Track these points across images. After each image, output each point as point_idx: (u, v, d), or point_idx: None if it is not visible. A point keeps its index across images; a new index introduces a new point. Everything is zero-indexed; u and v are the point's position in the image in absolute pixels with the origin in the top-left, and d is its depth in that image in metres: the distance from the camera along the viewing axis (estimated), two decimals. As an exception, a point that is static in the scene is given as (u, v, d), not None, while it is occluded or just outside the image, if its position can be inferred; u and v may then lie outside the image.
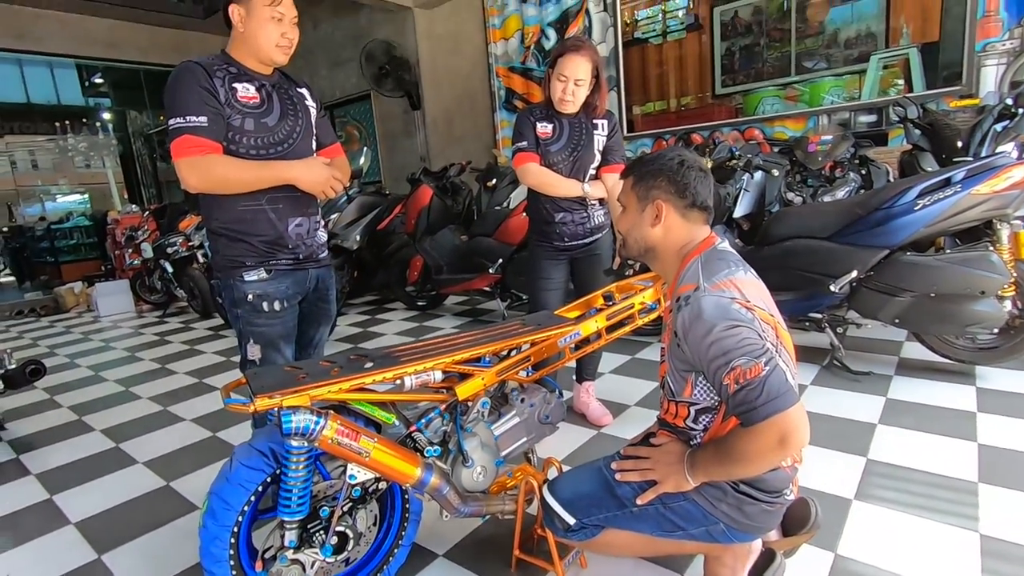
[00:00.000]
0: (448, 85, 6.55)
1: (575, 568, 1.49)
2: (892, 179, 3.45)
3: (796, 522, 1.39)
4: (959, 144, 2.91)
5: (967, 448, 1.91)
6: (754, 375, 1.05)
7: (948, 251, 2.44)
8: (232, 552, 1.24)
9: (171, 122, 1.45)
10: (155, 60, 7.53)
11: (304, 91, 1.71)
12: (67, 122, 10.78)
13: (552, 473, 1.57)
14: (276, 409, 1.14)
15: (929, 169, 2.95)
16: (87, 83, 10.58)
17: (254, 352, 1.61)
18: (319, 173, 1.57)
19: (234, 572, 1.25)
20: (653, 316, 1.77)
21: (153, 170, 11.18)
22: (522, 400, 1.56)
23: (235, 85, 1.51)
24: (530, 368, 1.60)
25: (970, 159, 2.74)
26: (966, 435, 1.99)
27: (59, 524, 1.94)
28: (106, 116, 10.84)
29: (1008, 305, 2.30)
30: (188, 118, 1.43)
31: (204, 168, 1.45)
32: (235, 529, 1.24)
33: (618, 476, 1.30)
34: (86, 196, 9.61)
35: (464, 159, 6.37)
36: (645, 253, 1.34)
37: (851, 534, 1.54)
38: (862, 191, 3.24)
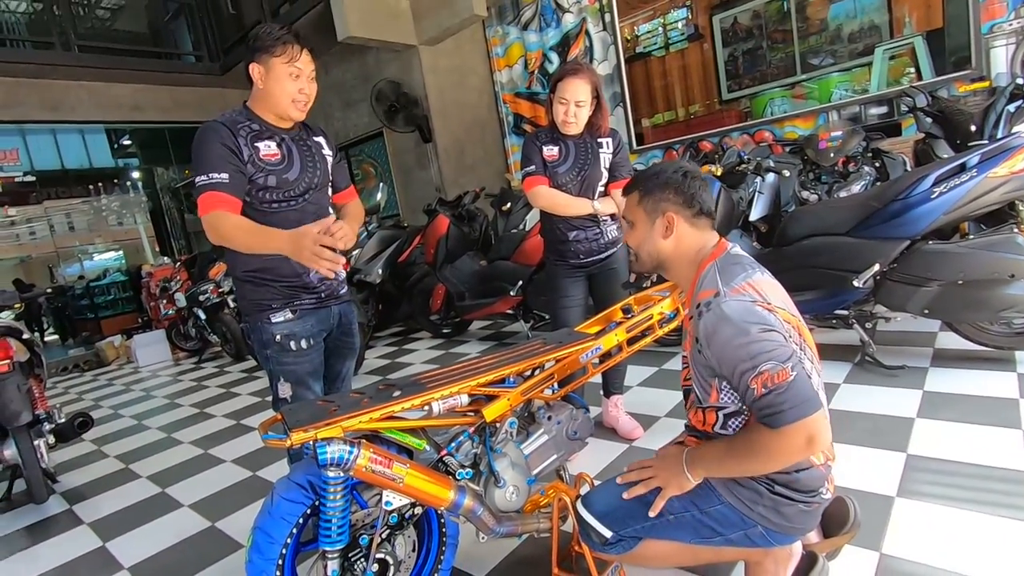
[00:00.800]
0: (457, 116, 6.71)
1: (615, 583, 1.49)
2: (909, 169, 3.42)
3: (835, 523, 1.38)
4: (972, 128, 2.88)
5: (1013, 436, 1.86)
6: (782, 379, 1.07)
7: (972, 236, 2.40)
8: (278, 585, 1.28)
9: (197, 179, 1.53)
10: (178, 118, 7.89)
11: (321, 139, 1.79)
12: (100, 184, 11.29)
13: (585, 489, 1.58)
14: (311, 442, 1.19)
15: (944, 156, 2.92)
16: (116, 145, 11.12)
17: (284, 390, 1.67)
18: (301, 248, 1.39)
19: (281, 604, 1.29)
20: (673, 325, 1.79)
21: (181, 222, 11.62)
22: (549, 418, 1.58)
23: (257, 144, 1.59)
24: (555, 386, 1.62)
25: (985, 142, 2.71)
26: (1010, 423, 1.94)
27: (114, 570, 2.01)
28: (135, 175, 11.34)
29: (1040, 286, 2.24)
30: (211, 175, 1.51)
31: (216, 226, 1.52)
32: (280, 562, 1.28)
33: (624, 495, 1.30)
34: (120, 252, 10.01)
35: (477, 186, 6.49)
36: (659, 266, 1.37)
37: (896, 532, 1.51)
38: (877, 183, 3.21)
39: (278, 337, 1.64)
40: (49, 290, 6.25)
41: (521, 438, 1.53)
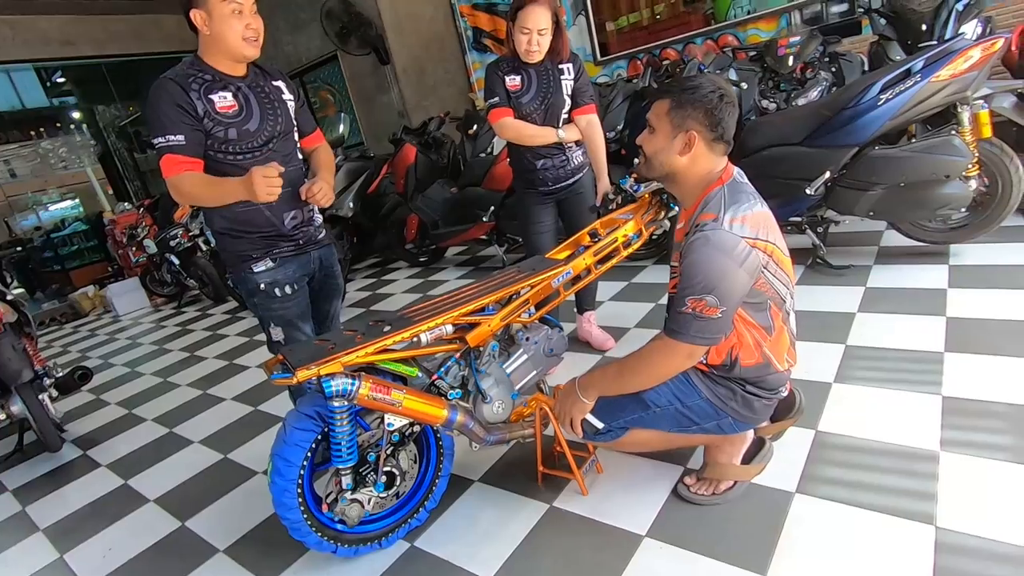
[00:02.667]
0: (413, 33, 6.41)
1: (592, 474, 1.72)
2: (865, 69, 3.48)
3: (783, 410, 1.61)
4: (924, 28, 2.93)
5: (936, 323, 2.10)
6: (709, 313, 1.26)
7: (916, 139, 2.54)
8: (300, 500, 1.47)
9: (154, 141, 1.54)
10: (114, 51, 7.36)
11: (281, 84, 1.75)
12: (40, 127, 10.61)
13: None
14: (315, 377, 1.33)
15: (896, 58, 3.00)
16: (48, 84, 10.35)
17: (277, 333, 1.78)
18: (254, 186, 1.43)
19: (304, 515, 1.48)
20: (637, 246, 1.92)
21: (133, 162, 11.09)
22: (527, 339, 1.73)
23: (211, 96, 1.56)
24: (531, 309, 1.77)
25: (934, 43, 2.79)
26: (936, 311, 2.18)
27: (140, 503, 2.21)
28: (75, 115, 10.65)
29: (974, 184, 2.42)
30: (168, 137, 1.51)
31: (178, 187, 1.54)
32: (299, 481, 1.46)
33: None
34: (77, 201, 9.61)
35: (440, 108, 6.33)
36: (666, 177, 1.43)
37: (830, 413, 1.76)
38: (835, 88, 3.29)
39: (262, 286, 1.72)
40: (20, 248, 6.07)
41: (503, 359, 1.69)
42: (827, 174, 2.56)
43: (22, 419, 2.71)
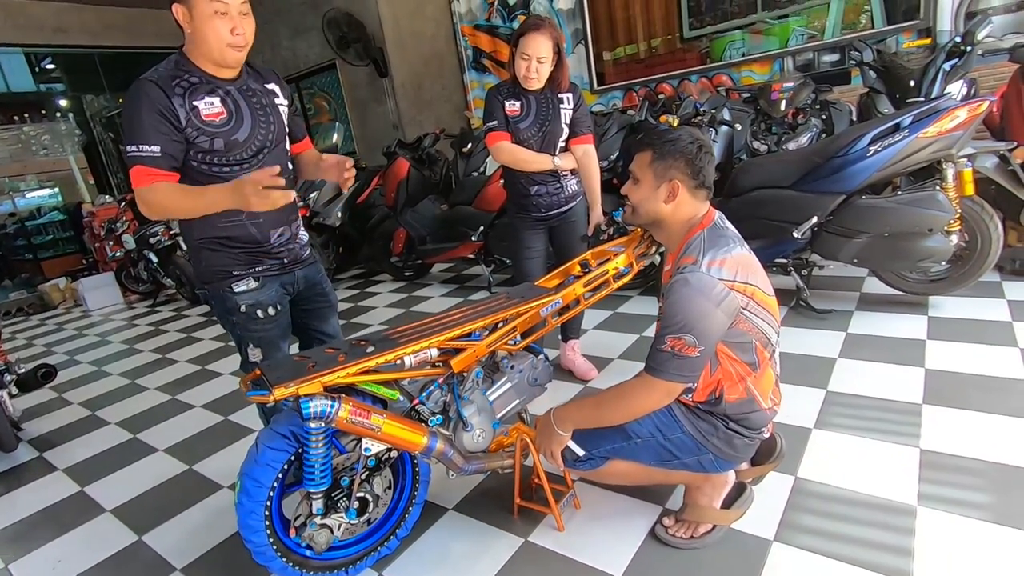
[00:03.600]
0: (414, 49, 6.45)
1: (570, 510, 1.69)
2: (854, 119, 3.58)
3: (764, 453, 1.61)
4: (912, 84, 3.03)
5: (915, 373, 2.13)
6: (688, 352, 1.27)
7: (901, 191, 2.60)
8: (267, 523, 1.41)
9: (127, 149, 1.40)
10: (107, 42, 7.27)
11: (275, 86, 1.62)
12: (23, 112, 10.38)
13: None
14: (293, 397, 1.28)
15: (885, 111, 3.09)
16: (37, 69, 10.16)
17: (255, 354, 1.65)
18: (245, 195, 1.30)
19: (271, 539, 1.42)
20: (627, 279, 1.91)
21: (117, 154, 10.89)
22: (512, 367, 1.71)
23: (196, 103, 1.42)
24: (517, 337, 1.75)
25: (921, 100, 2.88)
26: (915, 361, 2.21)
27: (96, 513, 2.11)
28: (62, 102, 10.45)
29: (955, 239, 2.47)
30: (141, 147, 1.37)
31: (148, 199, 1.40)
32: (267, 503, 1.40)
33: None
34: (57, 190, 9.38)
35: (435, 123, 6.35)
36: (652, 224, 1.50)
37: (810, 459, 1.75)
38: (823, 135, 3.37)
39: (243, 307, 1.59)
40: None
41: (486, 386, 1.67)
42: (814, 219, 2.60)
43: (-23, 416, 2.59)
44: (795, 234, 2.64)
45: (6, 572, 1.85)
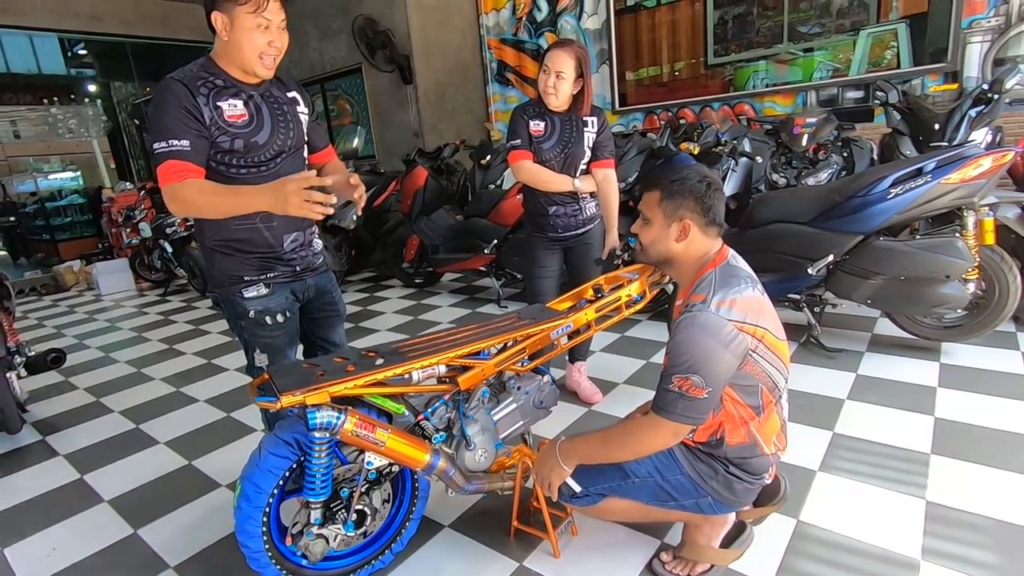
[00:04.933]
0: (439, 58, 6.52)
1: (567, 536, 1.67)
2: (875, 157, 3.57)
3: (767, 495, 1.59)
4: (936, 127, 3.02)
5: (924, 421, 2.10)
6: (695, 393, 1.25)
7: (919, 235, 2.58)
8: (264, 529, 1.41)
9: (155, 146, 1.40)
10: (140, 32, 7.41)
11: (296, 95, 1.65)
12: (53, 94, 10.57)
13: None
14: (300, 406, 1.28)
15: (907, 153, 3.08)
16: (70, 53, 10.36)
17: (262, 360, 1.65)
18: (287, 196, 1.31)
19: (267, 546, 1.42)
20: (639, 307, 1.91)
21: (140, 141, 11.06)
22: (518, 388, 1.70)
23: (220, 104, 1.44)
24: (526, 358, 1.74)
25: (945, 144, 2.87)
26: (925, 409, 2.18)
27: (94, 502, 2.11)
28: (91, 88, 10.64)
29: (972, 287, 2.46)
30: (171, 142, 1.38)
31: (177, 195, 1.40)
32: (266, 509, 1.40)
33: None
34: (79, 173, 9.52)
35: (456, 133, 6.40)
36: (664, 262, 1.48)
37: (813, 502, 1.73)
38: (844, 173, 3.36)
39: (252, 313, 1.59)
40: (13, 218, 5.96)
41: (492, 405, 1.66)
42: (830, 257, 2.59)
43: (-16, 395, 2.61)
44: (810, 271, 2.62)
45: (1, 555, 1.85)
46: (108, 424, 2.78)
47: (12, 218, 5.01)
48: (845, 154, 3.42)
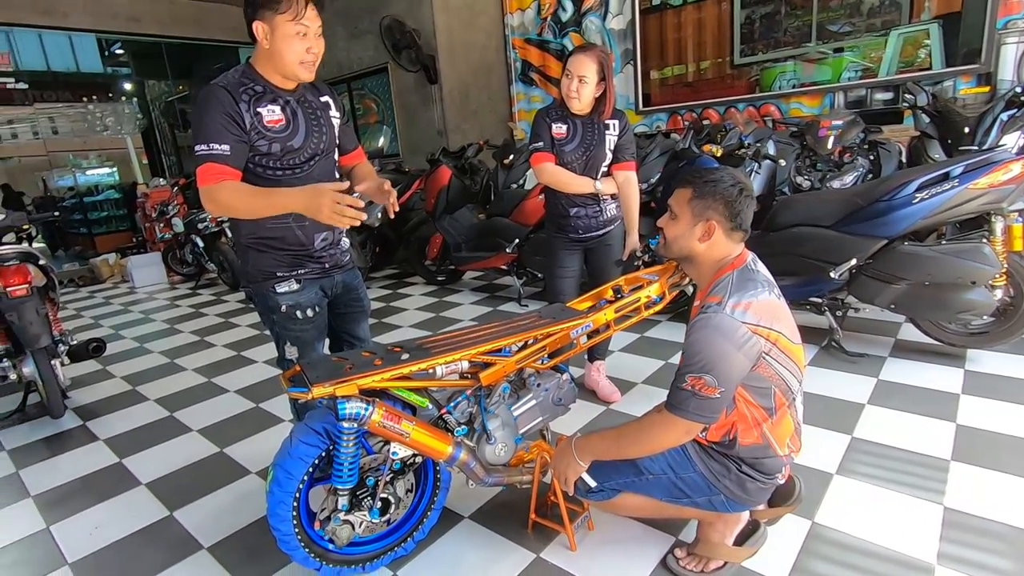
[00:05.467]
0: (464, 58, 6.59)
1: (583, 531, 1.72)
2: (903, 161, 3.53)
3: (782, 496, 1.61)
4: (966, 131, 2.97)
5: (945, 428, 2.09)
6: (708, 392, 1.28)
7: (945, 240, 2.56)
8: (295, 513, 1.48)
9: (196, 148, 1.47)
10: (176, 33, 7.63)
11: (328, 99, 1.72)
12: (90, 91, 10.92)
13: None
14: (330, 397, 1.35)
15: (936, 157, 3.04)
16: (107, 53, 10.70)
17: (292, 352, 1.74)
18: (321, 204, 1.37)
19: (296, 530, 1.49)
20: (658, 308, 1.94)
21: (172, 137, 11.38)
22: (538, 385, 1.75)
23: (260, 109, 1.51)
24: (546, 356, 1.79)
25: (975, 148, 2.83)
26: (947, 416, 2.16)
27: (132, 485, 2.22)
28: (127, 86, 10.97)
29: (999, 294, 2.42)
30: (212, 146, 1.45)
31: (214, 196, 1.47)
32: (296, 495, 1.47)
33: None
34: (115, 169, 9.84)
35: (479, 132, 6.46)
36: (685, 259, 1.51)
37: (829, 505, 1.74)
38: (870, 176, 3.33)
39: (283, 307, 1.67)
40: (57, 213, 6.20)
41: (512, 401, 1.71)
42: (853, 261, 2.58)
43: (30, 381, 2.75)
44: (832, 274, 2.61)
45: (47, 533, 1.97)
46: (144, 411, 2.90)
47: (56, 213, 5.22)
48: (872, 157, 3.38)
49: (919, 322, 2.70)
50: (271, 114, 1.54)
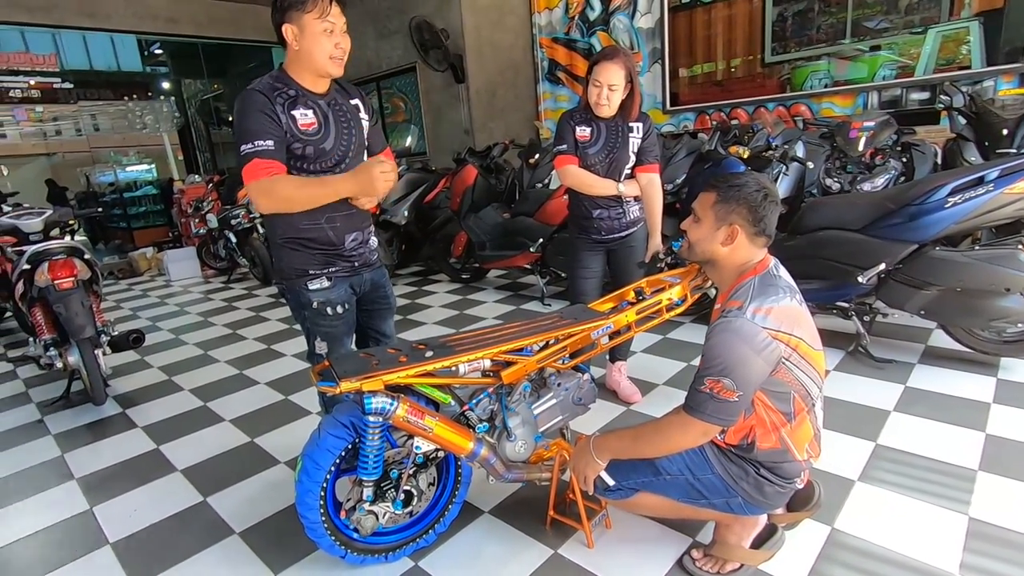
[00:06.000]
0: (492, 57, 6.63)
1: (600, 528, 1.74)
2: (938, 163, 3.45)
3: (801, 500, 1.62)
4: (1004, 133, 2.90)
5: (974, 437, 2.05)
6: (726, 396, 1.29)
7: (979, 246, 2.50)
8: (322, 502, 1.54)
9: (242, 148, 1.53)
10: (211, 33, 7.85)
11: (358, 102, 1.78)
12: (130, 89, 11.29)
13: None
14: (357, 391, 1.40)
15: (972, 160, 2.97)
16: (146, 53, 11.05)
17: (321, 347, 1.80)
18: (367, 176, 1.56)
19: (323, 518, 1.55)
20: (680, 311, 1.95)
21: (207, 135, 11.70)
22: (559, 384, 1.78)
23: (294, 113, 1.58)
24: (567, 356, 1.82)
25: (1013, 152, 2.75)
26: (976, 425, 2.12)
27: (168, 471, 2.33)
28: (165, 85, 11.31)
29: (1034, 301, 2.36)
30: (256, 143, 1.51)
31: (270, 190, 1.54)
32: (324, 484, 1.54)
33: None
34: (153, 166, 10.19)
35: (505, 131, 6.49)
36: (708, 262, 1.52)
37: (849, 511, 1.74)
38: (903, 179, 3.26)
39: (315, 304, 1.73)
40: (100, 209, 6.48)
41: (533, 400, 1.74)
42: (882, 265, 2.54)
43: (75, 369, 2.89)
44: (860, 279, 2.58)
45: (91, 514, 2.07)
46: (179, 401, 3.02)
47: (99, 209, 5.47)
48: (904, 159, 3.31)
49: (950, 329, 2.65)
50: (304, 118, 1.60)
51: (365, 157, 1.81)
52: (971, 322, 2.50)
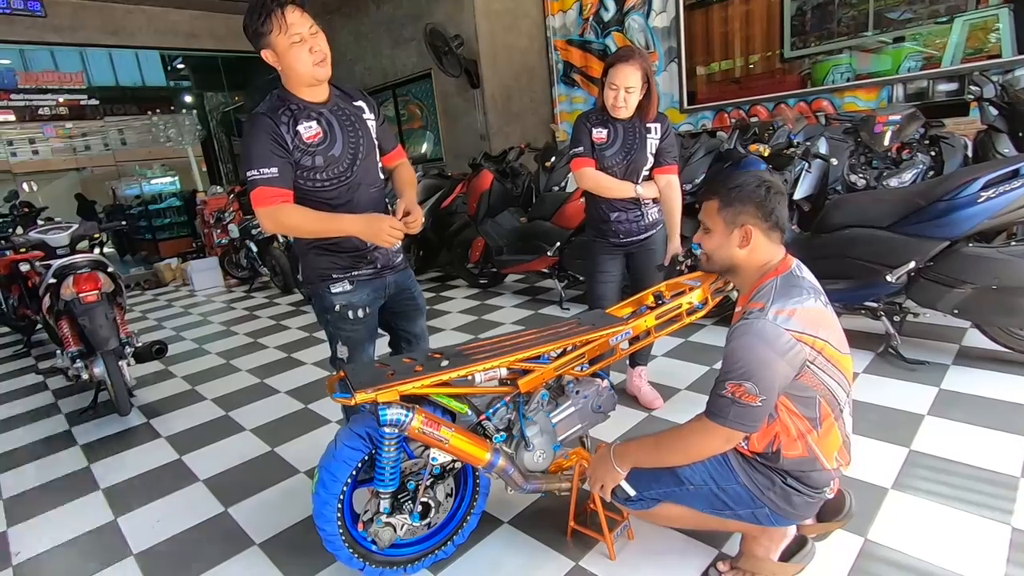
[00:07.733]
0: (506, 61, 6.62)
1: (623, 540, 1.70)
2: (968, 156, 3.33)
3: (831, 511, 1.55)
4: (1040, 124, 2.78)
5: (1015, 442, 1.95)
6: (748, 400, 1.25)
7: (1015, 241, 2.40)
8: (339, 515, 1.53)
9: (248, 174, 1.58)
10: (231, 47, 7.99)
11: (362, 104, 1.79)
12: (154, 104, 11.57)
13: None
14: (372, 402, 1.39)
15: (1005, 152, 2.86)
16: (169, 68, 11.31)
17: (343, 351, 1.83)
18: (376, 230, 1.58)
19: (340, 530, 1.54)
20: (700, 315, 1.91)
21: (229, 146, 11.91)
22: (577, 392, 1.75)
23: (298, 128, 1.61)
24: (585, 363, 1.78)
25: (1050, 142, 2.64)
26: (1016, 429, 2.03)
27: (191, 481, 2.34)
28: (187, 99, 11.55)
29: (1076, 298, 2.25)
30: (261, 170, 1.56)
31: (275, 219, 1.60)
32: (341, 497, 1.52)
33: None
34: (176, 178, 10.42)
35: (521, 135, 6.48)
36: (728, 269, 1.48)
37: (883, 521, 1.67)
38: (931, 174, 3.15)
39: (337, 307, 1.76)
40: (124, 223, 6.64)
41: (551, 408, 1.71)
42: (912, 264, 2.45)
43: (100, 381, 2.94)
44: (889, 278, 2.49)
45: (115, 524, 2.10)
46: (202, 410, 3.05)
47: (123, 223, 5.61)
48: (933, 153, 3.20)
49: (986, 328, 2.54)
50: (308, 131, 1.63)
51: (377, 158, 1.83)
52: (1009, 321, 2.40)
